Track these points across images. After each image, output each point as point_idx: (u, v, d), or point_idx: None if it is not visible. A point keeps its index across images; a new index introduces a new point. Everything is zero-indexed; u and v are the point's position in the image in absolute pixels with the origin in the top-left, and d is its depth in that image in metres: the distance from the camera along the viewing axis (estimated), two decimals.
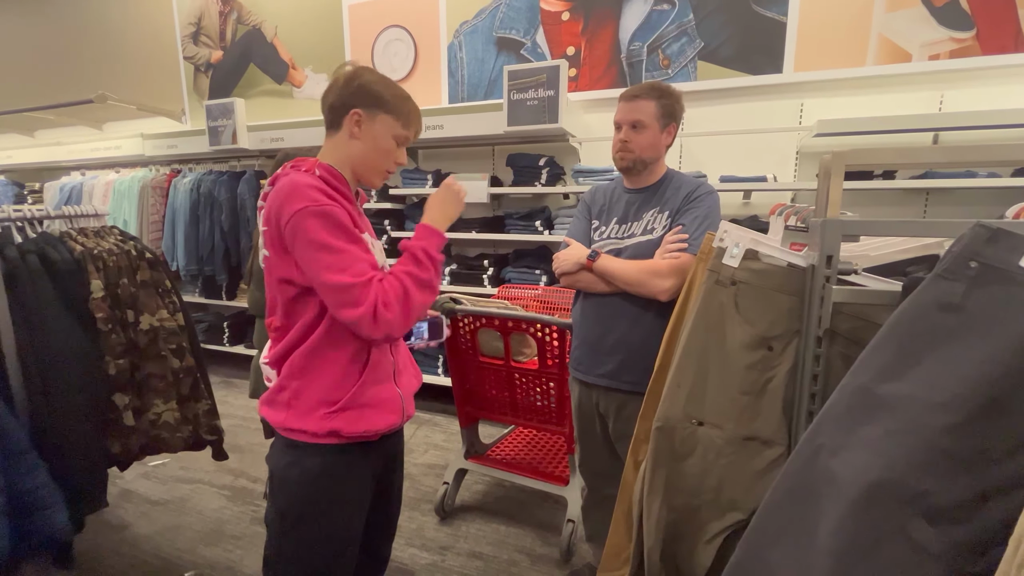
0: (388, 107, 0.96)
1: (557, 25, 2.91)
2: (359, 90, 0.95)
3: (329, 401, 0.93)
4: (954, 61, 2.27)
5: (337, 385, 0.94)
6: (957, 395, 0.52)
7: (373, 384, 0.97)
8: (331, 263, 0.86)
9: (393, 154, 1.00)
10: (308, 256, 0.86)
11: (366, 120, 0.96)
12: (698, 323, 0.91)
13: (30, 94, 4.66)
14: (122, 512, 2.09)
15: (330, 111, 0.98)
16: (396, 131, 0.98)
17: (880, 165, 0.77)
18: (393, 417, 1.01)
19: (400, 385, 1.04)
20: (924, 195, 2.40)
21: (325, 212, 0.87)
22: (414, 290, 0.90)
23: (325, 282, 0.86)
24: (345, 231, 0.88)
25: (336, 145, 0.99)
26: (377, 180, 1.02)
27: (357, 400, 0.95)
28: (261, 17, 3.70)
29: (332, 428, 0.93)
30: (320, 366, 0.93)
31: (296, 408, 0.94)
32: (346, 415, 0.94)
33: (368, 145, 0.97)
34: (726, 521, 0.89)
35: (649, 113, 1.30)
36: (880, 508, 0.55)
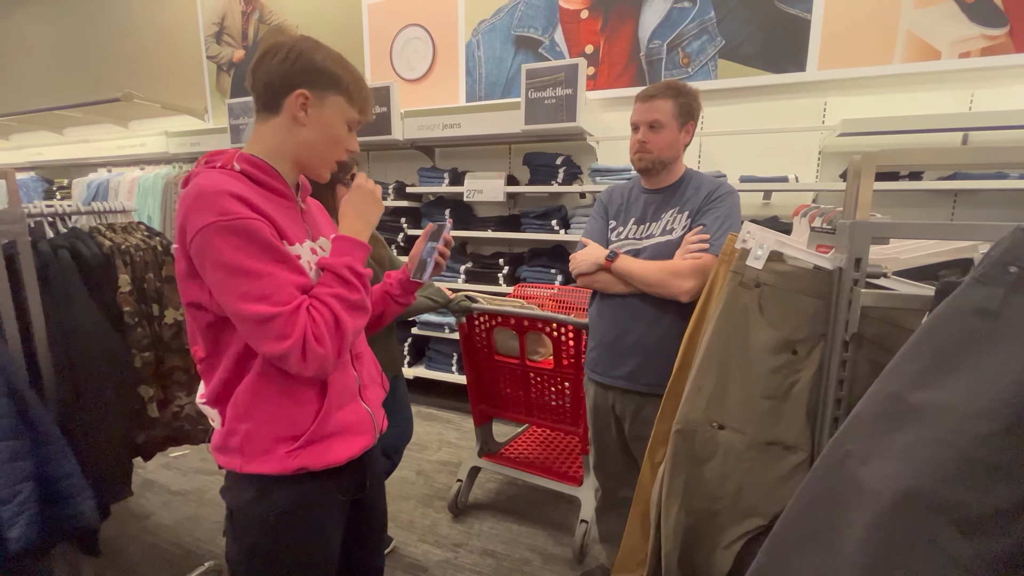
0: (342, 87, 0.82)
1: (576, 23, 2.90)
2: (306, 68, 0.79)
3: (289, 438, 0.81)
4: (985, 59, 2.20)
5: (295, 420, 0.82)
6: (995, 404, 0.50)
7: (337, 409, 0.85)
8: (248, 290, 0.71)
9: (344, 141, 0.86)
10: (220, 281, 0.72)
11: (314, 103, 0.80)
12: (720, 325, 0.90)
13: (60, 93, 4.79)
14: (144, 501, 2.14)
15: (265, 90, 0.80)
16: (349, 115, 0.84)
17: (911, 166, 0.75)
18: (365, 439, 0.90)
19: (367, 400, 0.93)
20: (952, 196, 2.34)
21: (239, 227, 0.71)
22: (345, 316, 0.77)
23: (242, 312, 0.72)
24: (266, 248, 0.73)
25: (272, 131, 0.82)
26: (325, 172, 0.88)
27: (322, 432, 0.83)
28: (283, 16, 3.75)
29: (299, 466, 0.81)
30: (269, 402, 0.80)
31: (250, 452, 0.81)
32: (312, 450, 0.82)
33: (316, 132, 0.82)
34: (746, 526, 0.88)
35: (667, 112, 1.28)
36: (911, 518, 0.54)
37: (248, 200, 0.74)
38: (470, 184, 2.95)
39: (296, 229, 0.84)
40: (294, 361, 0.74)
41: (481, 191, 2.91)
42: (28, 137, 5.20)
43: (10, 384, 1.13)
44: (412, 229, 3.20)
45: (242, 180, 0.78)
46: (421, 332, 3.16)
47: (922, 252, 0.86)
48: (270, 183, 0.82)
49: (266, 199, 0.79)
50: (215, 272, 0.72)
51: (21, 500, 1.07)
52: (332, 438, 0.85)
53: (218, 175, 0.76)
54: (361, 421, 0.90)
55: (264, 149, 0.83)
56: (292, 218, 0.84)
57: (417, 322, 3.15)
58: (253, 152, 0.82)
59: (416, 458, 2.50)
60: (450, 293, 1.71)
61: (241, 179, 0.78)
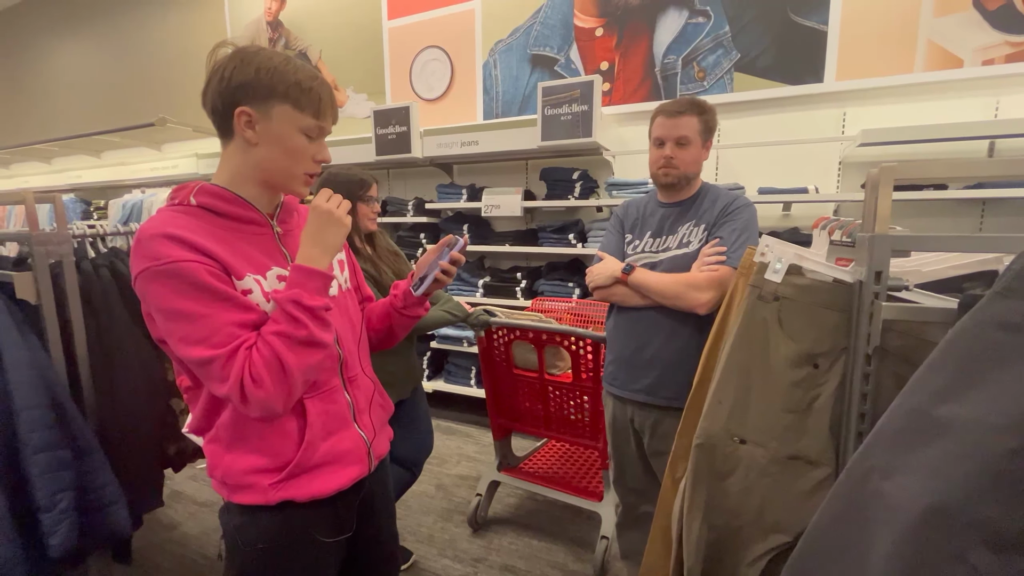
0: (284, 97, 0.75)
1: (591, 41, 2.95)
2: (243, 81, 0.74)
3: (273, 470, 0.79)
4: (1010, 66, 2.17)
5: (277, 451, 0.79)
6: (1019, 418, 0.50)
7: (324, 439, 0.82)
8: (187, 333, 0.69)
9: (307, 152, 0.79)
10: (162, 325, 0.71)
11: (259, 118, 0.75)
12: (740, 339, 0.90)
13: (98, 119, 5.05)
14: (172, 512, 2.19)
15: (213, 115, 0.77)
16: (303, 123, 0.77)
17: (931, 179, 0.75)
18: (356, 468, 0.87)
19: (363, 425, 0.90)
20: (980, 206, 2.28)
21: (171, 271, 0.69)
22: (288, 355, 0.71)
23: (183, 355, 0.71)
24: (202, 290, 0.70)
25: (230, 156, 0.79)
26: (300, 187, 0.82)
27: (306, 464, 0.80)
28: (307, 42, 3.91)
29: (283, 498, 0.79)
30: (250, 434, 0.78)
31: (233, 485, 0.79)
32: (296, 482, 0.80)
33: (271, 148, 0.77)
34: (770, 543, 0.87)
35: (693, 129, 1.30)
36: (938, 534, 0.53)
37: (187, 240, 0.71)
38: (488, 199, 2.99)
39: (260, 256, 0.80)
40: (236, 403, 0.71)
41: (499, 206, 2.95)
42: (68, 161, 5.47)
43: (54, 396, 1.19)
44: (431, 245, 3.24)
45: (195, 215, 0.76)
46: (440, 346, 3.19)
47: (945, 264, 0.85)
48: (232, 211, 0.78)
49: (224, 230, 0.77)
50: (157, 315, 0.72)
51: (62, 508, 1.12)
52: (319, 469, 0.82)
53: (163, 215, 0.75)
54: (354, 449, 0.87)
55: (226, 176, 0.79)
56: (259, 245, 0.81)
57: (436, 336, 3.18)
58: (218, 181, 0.79)
59: (436, 472, 2.51)
60: (469, 307, 1.74)
61: (195, 214, 0.76)
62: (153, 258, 0.69)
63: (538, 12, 3.06)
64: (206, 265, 0.71)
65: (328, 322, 0.78)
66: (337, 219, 0.80)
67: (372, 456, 0.91)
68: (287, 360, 0.71)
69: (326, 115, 0.80)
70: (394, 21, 3.52)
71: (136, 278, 0.71)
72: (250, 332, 0.73)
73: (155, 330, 0.77)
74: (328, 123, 0.81)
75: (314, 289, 0.76)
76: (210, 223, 0.76)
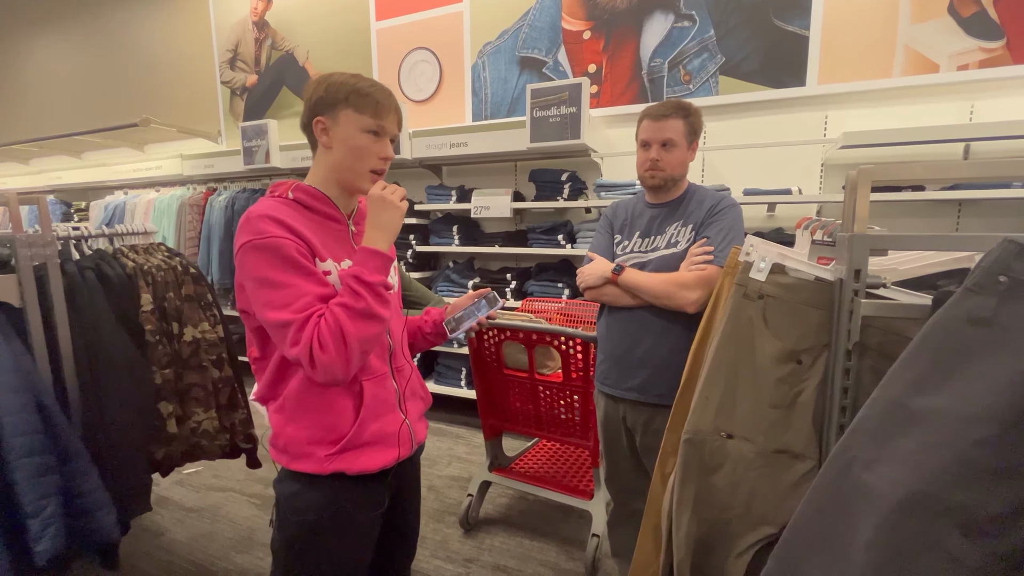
0: (346, 102, 0.89)
1: (579, 44, 2.97)
2: (314, 99, 0.90)
3: (327, 442, 0.89)
4: (984, 71, 2.24)
5: (332, 427, 0.89)
6: (990, 408, 0.52)
7: (374, 420, 0.92)
8: (271, 299, 0.81)
9: (371, 150, 0.91)
10: (252, 291, 0.83)
11: (330, 125, 0.90)
12: (726, 336, 0.92)
13: (79, 119, 4.96)
14: (159, 518, 2.16)
15: (304, 130, 0.94)
16: (364, 124, 0.89)
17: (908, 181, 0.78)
18: (401, 450, 0.97)
19: (407, 412, 1.00)
20: (956, 207, 2.35)
21: (269, 246, 0.81)
22: (349, 325, 0.81)
23: (266, 318, 0.82)
24: (292, 264, 0.82)
25: (316, 163, 0.95)
26: (364, 183, 0.93)
27: (356, 440, 0.90)
28: (294, 43, 3.88)
29: (335, 469, 0.89)
30: (313, 407, 0.89)
31: (293, 453, 0.91)
32: (347, 456, 0.90)
33: (340, 150, 0.90)
34: (757, 535, 0.89)
35: (679, 132, 1.33)
36: (915, 521, 0.56)
37: (285, 223, 0.84)
38: (477, 201, 3.00)
39: (338, 249, 0.93)
40: (305, 365, 0.81)
41: (488, 207, 2.96)
42: (48, 162, 5.36)
43: (39, 400, 1.18)
44: (420, 245, 3.26)
45: (291, 206, 0.89)
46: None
47: (921, 263, 0.88)
48: (319, 208, 0.92)
49: (313, 222, 0.90)
50: (249, 283, 0.84)
51: (48, 514, 1.10)
52: (366, 447, 0.92)
53: (268, 202, 0.88)
54: (398, 432, 0.97)
55: (315, 179, 0.94)
56: (337, 238, 0.94)
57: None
58: (309, 182, 0.94)
59: (427, 473, 2.50)
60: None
61: (291, 205, 0.90)
62: (256, 233, 0.82)
63: (526, 15, 3.08)
64: (297, 244, 0.84)
65: (386, 299, 0.88)
66: (391, 203, 0.90)
67: (414, 441, 1.01)
68: (347, 329, 0.81)
69: (384, 115, 0.91)
70: (382, 22, 3.52)
71: (238, 249, 0.83)
72: (323, 304, 0.84)
73: (242, 299, 0.89)
74: (388, 123, 0.92)
75: (374, 268, 0.86)
76: (302, 214, 0.89)
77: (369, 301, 0.84)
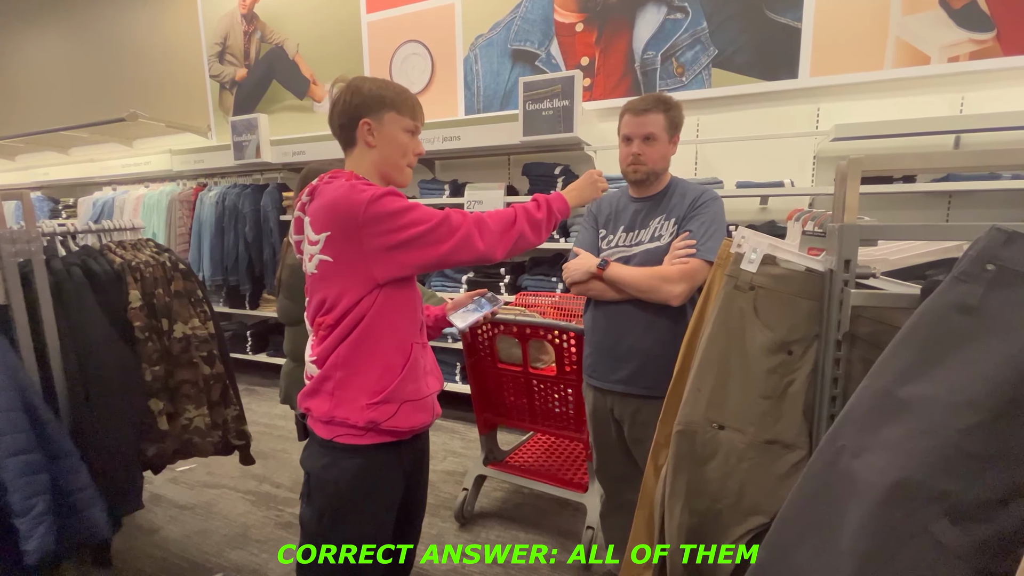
0: (391, 105, 1.00)
1: (571, 36, 2.96)
2: (361, 101, 0.99)
3: (372, 391, 0.97)
4: (974, 63, 2.25)
5: (379, 377, 0.98)
6: (977, 396, 0.52)
7: (412, 381, 1.01)
8: (418, 217, 0.93)
9: (410, 147, 1.04)
10: (387, 230, 0.92)
11: (376, 126, 1.00)
12: (717, 328, 0.92)
13: (66, 114, 4.88)
14: (152, 516, 2.15)
15: (341, 130, 1.02)
16: (405, 124, 1.02)
17: (897, 170, 0.78)
18: (425, 415, 1.05)
19: (429, 386, 1.08)
20: (947, 198, 2.37)
21: (389, 191, 0.94)
22: (523, 219, 1.02)
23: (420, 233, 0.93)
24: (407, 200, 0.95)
25: (357, 159, 1.03)
26: (404, 177, 1.06)
27: (398, 395, 0.98)
28: (283, 36, 3.83)
29: (371, 419, 0.96)
30: (365, 358, 0.97)
31: (339, 397, 0.97)
32: (385, 408, 0.97)
33: (386, 148, 1.02)
34: (749, 524, 0.89)
35: (659, 126, 1.33)
36: (903, 508, 0.56)
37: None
38: (470, 195, 2.99)
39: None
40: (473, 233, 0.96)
41: (481, 202, 2.95)
42: (34, 158, 5.28)
43: (25, 399, 1.16)
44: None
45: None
46: None
47: (910, 253, 0.89)
48: None
49: None
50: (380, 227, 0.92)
51: (38, 512, 1.09)
52: (403, 404, 1.00)
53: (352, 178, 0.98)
54: (425, 400, 1.05)
55: (359, 172, 1.02)
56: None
57: None
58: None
59: None
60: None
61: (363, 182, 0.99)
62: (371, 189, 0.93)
63: (518, 7, 3.05)
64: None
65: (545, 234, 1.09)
66: (596, 187, 1.20)
67: (434, 412, 1.09)
68: (520, 220, 1.02)
69: (418, 115, 1.05)
70: (373, 15, 3.48)
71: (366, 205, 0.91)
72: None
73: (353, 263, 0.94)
74: (420, 121, 1.06)
75: (560, 208, 1.10)
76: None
77: (543, 215, 1.05)
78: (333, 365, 0.98)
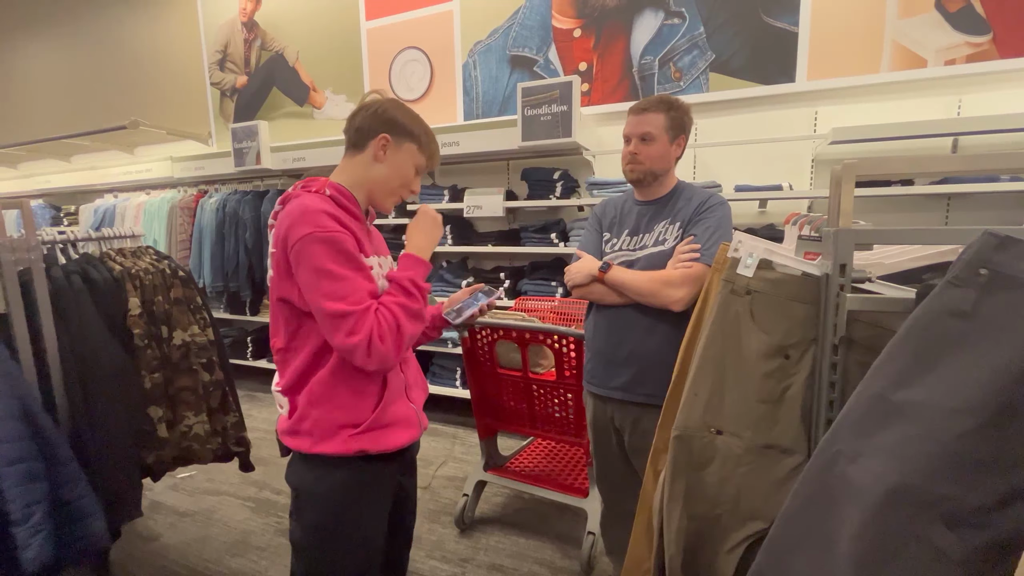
0: (415, 137, 1.01)
1: (569, 42, 2.97)
2: (390, 119, 0.99)
3: (352, 424, 0.95)
4: (971, 65, 2.25)
5: (356, 408, 0.96)
6: (972, 401, 0.52)
7: (391, 403, 1.00)
8: (331, 290, 0.87)
9: (411, 183, 1.03)
10: (310, 281, 0.88)
11: (392, 146, 0.99)
12: (714, 332, 0.92)
13: (68, 122, 4.91)
14: (152, 523, 2.15)
15: (356, 132, 1.00)
16: (418, 160, 1.02)
17: (893, 175, 0.78)
18: (413, 430, 1.04)
19: (412, 400, 1.07)
20: (945, 200, 2.37)
21: (331, 239, 0.88)
22: (405, 321, 0.92)
23: (323, 309, 0.87)
24: (349, 258, 0.89)
25: (356, 165, 1.00)
26: (390, 205, 1.04)
27: (379, 421, 0.97)
28: (283, 43, 3.86)
29: (359, 448, 0.95)
30: (340, 392, 0.95)
31: (318, 435, 0.95)
32: (370, 435, 0.96)
33: (390, 170, 1.00)
34: (747, 530, 0.89)
35: (658, 125, 1.32)
36: (900, 514, 0.56)
37: (338, 218, 0.91)
38: (470, 200, 3.00)
39: (368, 244, 1.00)
40: (360, 355, 0.87)
41: (480, 207, 2.95)
42: (36, 166, 5.31)
43: (24, 407, 1.16)
44: None
45: (330, 203, 0.95)
46: (424, 347, 3.18)
47: (906, 256, 0.89)
48: (349, 207, 0.98)
49: (347, 219, 0.95)
50: (307, 273, 0.88)
51: (36, 521, 1.09)
52: (387, 427, 0.99)
53: (315, 197, 0.93)
54: (409, 416, 1.04)
55: (347, 179, 1.00)
56: (366, 235, 1.02)
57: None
58: (337, 180, 1.00)
59: (422, 473, 2.49)
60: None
61: (329, 202, 0.95)
62: (317, 226, 0.87)
63: (516, 13, 3.07)
64: (353, 239, 0.91)
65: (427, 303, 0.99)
66: (439, 224, 1.07)
67: (420, 425, 1.08)
68: (404, 326, 0.92)
69: (434, 159, 1.06)
70: (372, 22, 3.50)
71: (298, 240, 0.87)
72: (374, 300, 0.92)
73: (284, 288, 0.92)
74: (432, 166, 1.06)
75: (424, 275, 0.99)
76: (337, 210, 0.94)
77: (421, 304, 0.96)
78: (306, 404, 0.95)
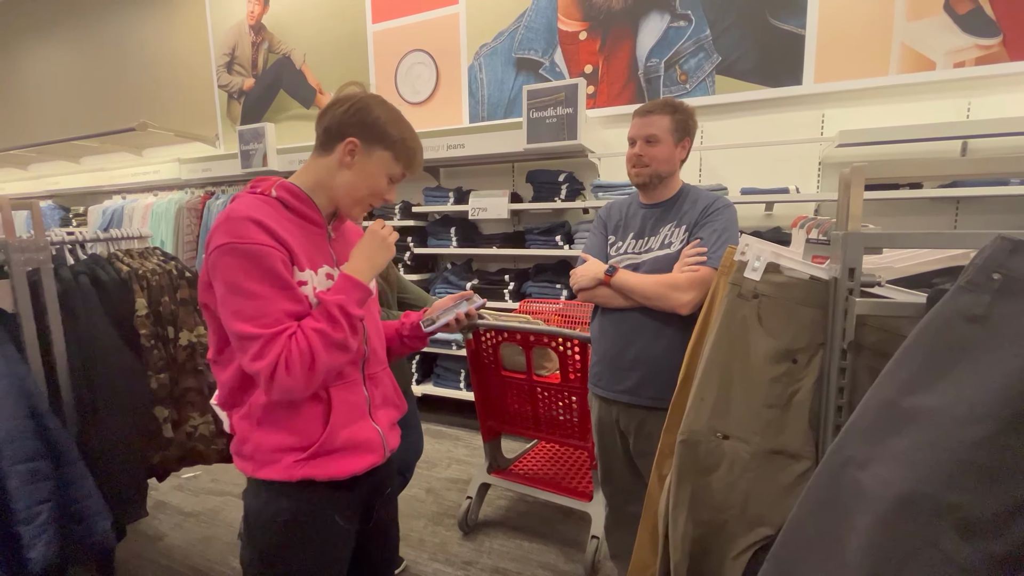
0: (388, 144, 0.89)
1: (575, 44, 2.97)
2: (362, 121, 0.87)
3: (297, 449, 0.85)
4: (980, 68, 2.23)
5: (302, 432, 0.85)
6: (985, 407, 0.51)
7: (344, 427, 0.89)
8: (241, 308, 0.77)
9: (382, 193, 0.92)
10: (222, 296, 0.79)
11: (361, 153, 0.88)
12: (721, 336, 0.91)
13: (77, 124, 4.96)
14: (157, 523, 2.16)
15: (324, 132, 0.89)
16: (392, 169, 0.91)
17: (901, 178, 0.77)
18: (371, 457, 0.93)
19: (378, 420, 0.96)
20: (955, 204, 2.35)
21: (250, 252, 0.77)
22: (322, 352, 0.79)
23: (231, 328, 0.79)
24: (268, 275, 0.79)
25: (319, 168, 0.90)
26: (357, 214, 0.94)
27: (327, 446, 0.86)
28: (290, 46, 3.88)
29: (304, 475, 0.85)
30: (279, 414, 0.85)
31: (260, 459, 0.86)
32: (317, 462, 0.86)
33: (357, 178, 0.89)
34: (754, 536, 0.88)
35: (663, 127, 1.32)
36: (911, 522, 0.55)
37: (268, 227, 0.80)
38: (475, 202, 3.00)
39: (316, 254, 0.89)
40: (262, 382, 0.79)
41: (485, 209, 2.96)
42: (46, 167, 5.36)
43: (32, 406, 1.17)
44: (418, 248, 3.25)
45: (273, 206, 0.85)
46: (429, 349, 3.18)
47: (916, 261, 0.88)
48: (301, 209, 0.88)
49: (293, 224, 0.86)
50: (219, 286, 0.79)
51: (42, 520, 1.10)
52: (339, 453, 0.88)
53: (251, 200, 0.84)
54: (369, 440, 0.93)
55: (307, 181, 0.90)
56: (315, 243, 0.90)
57: None
58: (296, 182, 0.90)
59: (425, 476, 2.50)
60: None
61: (273, 205, 0.86)
62: (237, 235, 0.77)
63: (522, 16, 3.08)
64: (280, 253, 0.80)
65: (359, 331, 0.87)
66: (388, 245, 0.93)
67: (386, 448, 0.97)
68: (319, 356, 0.79)
69: (413, 166, 0.94)
70: (378, 25, 3.52)
71: (214, 249, 0.78)
72: (294, 322, 0.81)
73: (206, 296, 0.84)
74: (411, 173, 0.94)
75: (356, 300, 0.86)
76: (283, 215, 0.86)
77: (347, 333, 0.83)
78: (246, 426, 0.86)
